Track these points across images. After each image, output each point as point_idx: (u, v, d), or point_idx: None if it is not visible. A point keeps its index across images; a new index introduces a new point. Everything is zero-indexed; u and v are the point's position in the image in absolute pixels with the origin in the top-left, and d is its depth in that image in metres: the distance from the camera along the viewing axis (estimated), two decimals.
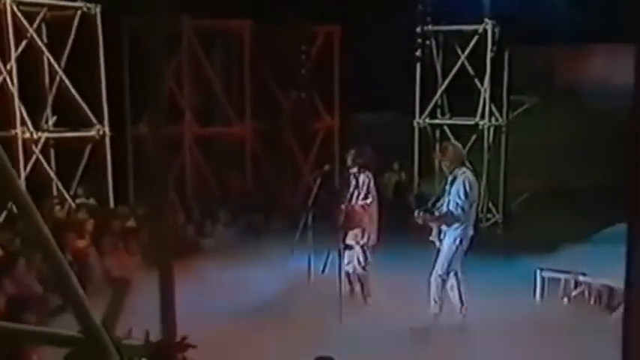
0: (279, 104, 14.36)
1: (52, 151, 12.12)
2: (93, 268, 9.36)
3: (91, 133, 11.82)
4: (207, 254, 11.14)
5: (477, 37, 13.48)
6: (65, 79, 11.60)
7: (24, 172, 10.99)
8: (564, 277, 9.41)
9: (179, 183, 12.97)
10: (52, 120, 12.06)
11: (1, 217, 10.44)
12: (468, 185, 8.17)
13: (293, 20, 13.63)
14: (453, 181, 8.30)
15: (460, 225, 8.18)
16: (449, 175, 8.40)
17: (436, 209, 8.42)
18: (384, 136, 13.28)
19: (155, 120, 2.56)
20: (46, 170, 11.64)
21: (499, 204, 13.75)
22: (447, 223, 8.25)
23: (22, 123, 11.09)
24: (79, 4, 11.69)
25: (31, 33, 11.37)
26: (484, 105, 13.59)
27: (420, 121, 14.14)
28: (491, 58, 13.42)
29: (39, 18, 11.64)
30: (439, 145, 13.74)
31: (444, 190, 8.46)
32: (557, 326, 8.45)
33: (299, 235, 9.17)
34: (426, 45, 13.95)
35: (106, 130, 11.90)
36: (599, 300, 9.29)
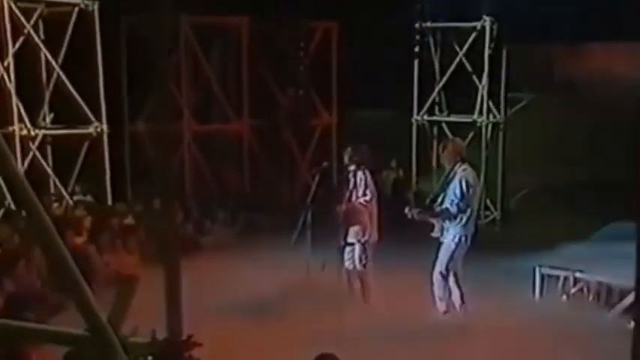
0: (276, 101, 14.33)
1: (49, 148, 12.08)
2: (91, 265, 9.33)
3: (89, 130, 11.79)
4: (206, 252, 11.11)
5: (475, 34, 13.48)
6: (63, 75, 11.56)
7: (21, 169, 10.95)
8: (563, 274, 9.41)
9: (177, 181, 12.93)
10: (49, 117, 12.02)
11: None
12: (464, 183, 8.17)
13: (291, 17, 13.60)
14: (452, 178, 8.31)
15: (460, 222, 8.17)
16: (450, 172, 8.40)
17: (436, 205, 8.41)
18: (381, 133, 13.28)
19: (160, 118, 2.54)
20: (44, 167, 11.61)
21: (497, 201, 13.76)
22: (441, 218, 8.25)
23: (20, 120, 11.07)
24: (76, 0, 11.65)
25: (28, 29, 11.33)
26: (482, 102, 13.60)
27: (418, 118, 14.14)
28: (489, 55, 13.43)
29: (36, 14, 11.60)
30: (437, 143, 13.77)
31: (443, 186, 8.47)
32: (556, 323, 8.45)
33: (298, 233, 9.14)
34: (424, 42, 13.95)
35: (104, 128, 11.86)
36: (597, 297, 9.30)
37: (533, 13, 12.72)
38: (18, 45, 11.19)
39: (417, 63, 14.03)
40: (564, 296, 9.41)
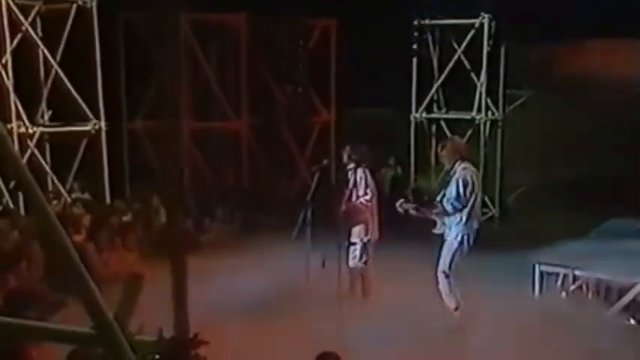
0: (275, 99, 14.31)
1: (47, 146, 12.05)
2: (89, 264, 9.30)
3: (87, 127, 11.76)
4: (205, 250, 11.09)
5: (473, 32, 13.47)
6: (61, 73, 11.53)
7: None
8: (562, 271, 9.40)
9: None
10: (47, 114, 11.99)
11: None
12: (461, 183, 8.16)
13: (289, 14, 13.58)
14: (451, 177, 8.32)
15: (460, 220, 8.17)
16: (450, 171, 8.41)
17: (436, 202, 8.41)
18: (380, 131, 13.26)
19: (170, 115, 2.53)
20: (42, 165, 11.58)
21: (495, 198, 13.76)
22: (436, 214, 8.26)
23: (18, 117, 11.04)
24: None
25: (26, 26, 11.29)
26: (480, 99, 13.60)
27: (417, 116, 14.13)
28: (488, 52, 13.42)
29: (34, 11, 11.57)
30: (436, 140, 13.77)
31: (444, 183, 8.48)
32: (556, 321, 8.45)
33: (298, 230, 9.12)
34: (423, 39, 13.94)
35: (102, 125, 11.83)
36: (596, 294, 9.30)
37: (531, 10, 12.70)
38: (16, 42, 11.16)
39: (415, 60, 14.01)
40: (563, 293, 9.41)
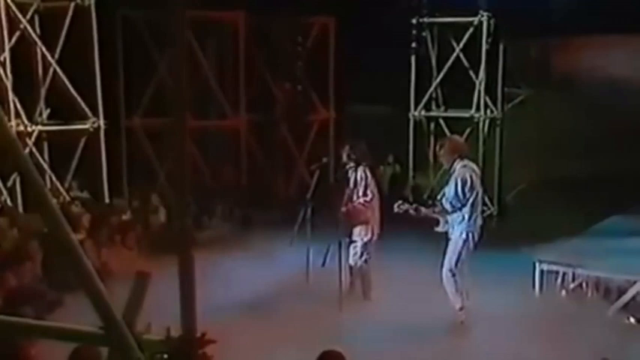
0: (273, 97, 14.28)
1: (45, 144, 12.01)
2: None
3: (86, 126, 11.73)
4: (204, 248, 11.05)
5: (472, 29, 13.45)
6: (59, 71, 11.49)
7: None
8: (562, 269, 9.40)
9: (174, 176, 12.87)
10: (45, 113, 11.95)
11: None
12: (460, 182, 8.14)
13: (288, 12, 13.55)
14: (451, 175, 8.31)
15: (463, 219, 8.16)
16: (449, 170, 8.40)
17: (437, 201, 8.40)
18: (379, 129, 13.24)
19: (179, 113, 2.51)
20: (40, 163, 11.53)
21: (494, 196, 13.74)
22: (435, 212, 8.25)
23: (16, 116, 10.99)
24: None
25: (25, 25, 11.25)
26: (479, 97, 13.58)
27: (416, 114, 14.11)
28: (487, 50, 13.41)
29: (32, 9, 11.52)
30: (435, 138, 13.76)
31: (445, 181, 8.47)
32: (556, 319, 8.45)
33: (298, 228, 9.11)
34: (422, 37, 13.92)
35: (101, 123, 11.79)
36: (596, 292, 9.31)
37: (530, 7, 12.69)
38: (14, 40, 11.11)
39: (414, 58, 13.99)
40: (563, 291, 9.42)
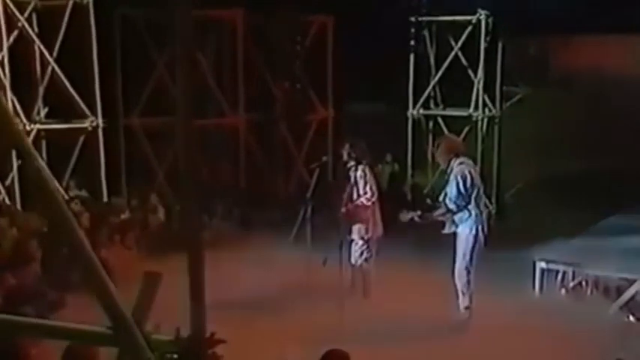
0: (272, 95, 14.25)
1: (43, 143, 11.97)
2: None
3: (84, 124, 11.70)
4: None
5: (470, 28, 13.44)
6: (57, 69, 11.46)
7: (16, 163, 10.88)
8: (562, 268, 9.42)
9: (173, 175, 12.85)
10: (43, 111, 11.91)
11: None
12: (460, 180, 8.16)
13: (286, 10, 13.53)
14: (450, 174, 8.31)
15: (470, 215, 8.17)
16: (447, 169, 8.41)
17: (439, 202, 8.39)
18: (377, 127, 13.22)
19: (187, 112, 2.49)
20: None
21: (492, 195, 13.73)
22: (440, 215, 8.25)
23: (15, 114, 10.95)
24: None
25: (22, 23, 11.21)
26: (477, 96, 13.57)
27: (414, 112, 14.10)
28: (485, 48, 13.39)
29: (30, 7, 11.48)
30: (433, 137, 13.75)
31: (444, 182, 8.46)
32: (556, 318, 8.46)
33: (298, 227, 9.10)
34: (420, 35, 13.91)
35: (99, 122, 11.76)
36: (596, 291, 9.33)
37: (528, 6, 12.69)
38: (12, 39, 11.08)
39: (412, 57, 13.98)
40: (563, 290, 9.43)
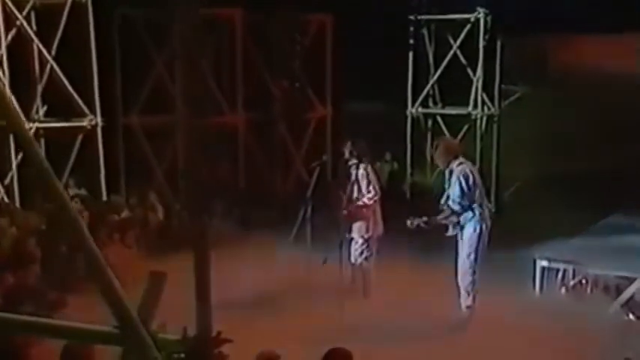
0: (271, 94, 14.22)
1: (42, 142, 11.93)
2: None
3: (83, 123, 11.67)
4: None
5: (469, 26, 13.44)
6: (56, 68, 11.43)
7: (15, 161, 10.88)
8: (562, 267, 9.42)
9: (171, 174, 12.83)
10: (42, 110, 11.89)
11: None
12: (463, 180, 8.15)
13: (285, 9, 13.51)
14: (450, 177, 8.29)
15: (473, 216, 8.16)
16: (445, 170, 8.40)
17: (441, 204, 8.36)
18: (376, 126, 13.21)
19: (196, 111, 2.48)
20: None
21: (491, 194, 13.72)
22: (445, 218, 8.23)
23: None
24: None
25: (21, 21, 11.19)
26: (476, 94, 13.57)
27: (413, 111, 14.09)
28: (484, 47, 13.40)
29: (29, 6, 11.44)
30: (432, 135, 13.75)
31: (447, 183, 8.44)
32: (556, 316, 8.46)
33: (298, 227, 9.08)
34: (419, 34, 13.90)
35: (98, 121, 11.73)
36: (596, 289, 9.34)
37: (527, 4, 12.68)
38: (10, 37, 11.05)
39: (411, 55, 13.97)
40: (563, 289, 9.43)
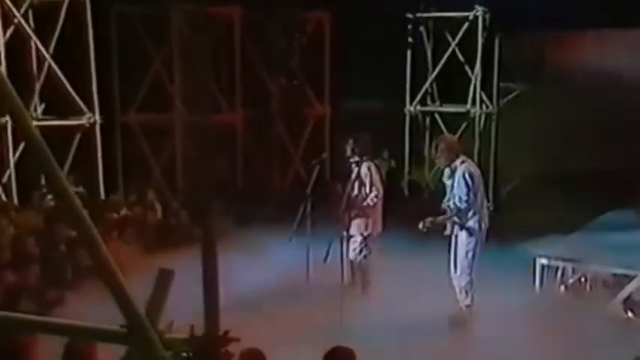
0: (269, 92, 14.22)
1: None
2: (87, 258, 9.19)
3: (81, 121, 11.64)
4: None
5: (467, 24, 13.45)
6: (54, 66, 11.40)
7: (13, 160, 10.86)
8: (562, 264, 9.41)
9: (170, 171, 12.82)
10: (40, 108, 11.86)
11: None
12: (468, 177, 8.13)
13: (283, 7, 13.50)
14: (452, 175, 8.27)
15: (475, 214, 8.16)
16: (446, 170, 8.37)
17: (444, 204, 8.34)
18: (374, 124, 13.19)
19: (201, 109, 2.47)
20: None
21: (490, 191, 13.73)
22: (457, 218, 8.21)
23: None
24: None
25: (18, 19, 11.16)
26: (475, 92, 13.58)
27: (411, 109, 14.10)
28: (482, 44, 13.41)
29: (26, 3, 11.41)
30: (430, 133, 13.76)
31: (445, 185, 8.42)
32: (555, 314, 8.46)
33: (298, 224, 9.06)
34: (417, 32, 13.91)
35: (97, 118, 11.71)
36: (595, 287, 9.34)
37: (526, 2, 12.69)
38: (8, 35, 11.02)
39: (409, 53, 13.97)
40: (562, 286, 9.43)
